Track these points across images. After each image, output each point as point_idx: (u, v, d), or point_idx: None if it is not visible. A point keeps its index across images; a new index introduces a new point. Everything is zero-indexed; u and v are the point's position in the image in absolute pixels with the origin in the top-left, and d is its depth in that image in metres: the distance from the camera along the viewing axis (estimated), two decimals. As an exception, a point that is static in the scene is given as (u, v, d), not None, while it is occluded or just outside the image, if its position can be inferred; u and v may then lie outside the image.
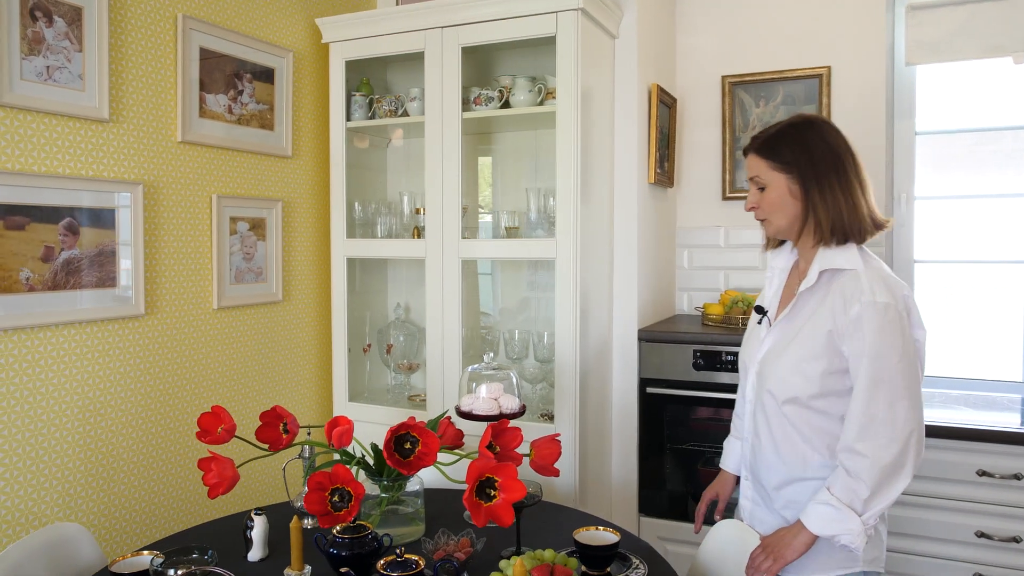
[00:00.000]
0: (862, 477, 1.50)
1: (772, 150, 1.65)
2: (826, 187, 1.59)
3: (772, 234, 1.72)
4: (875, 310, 1.51)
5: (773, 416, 1.67)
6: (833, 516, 1.52)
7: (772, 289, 1.79)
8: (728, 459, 1.96)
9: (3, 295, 1.88)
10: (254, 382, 2.65)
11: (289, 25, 2.76)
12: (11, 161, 1.89)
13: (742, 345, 1.86)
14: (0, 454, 1.89)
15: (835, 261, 1.59)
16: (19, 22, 1.89)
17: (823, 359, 1.57)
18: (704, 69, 3.32)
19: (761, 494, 1.77)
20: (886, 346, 1.51)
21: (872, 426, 1.51)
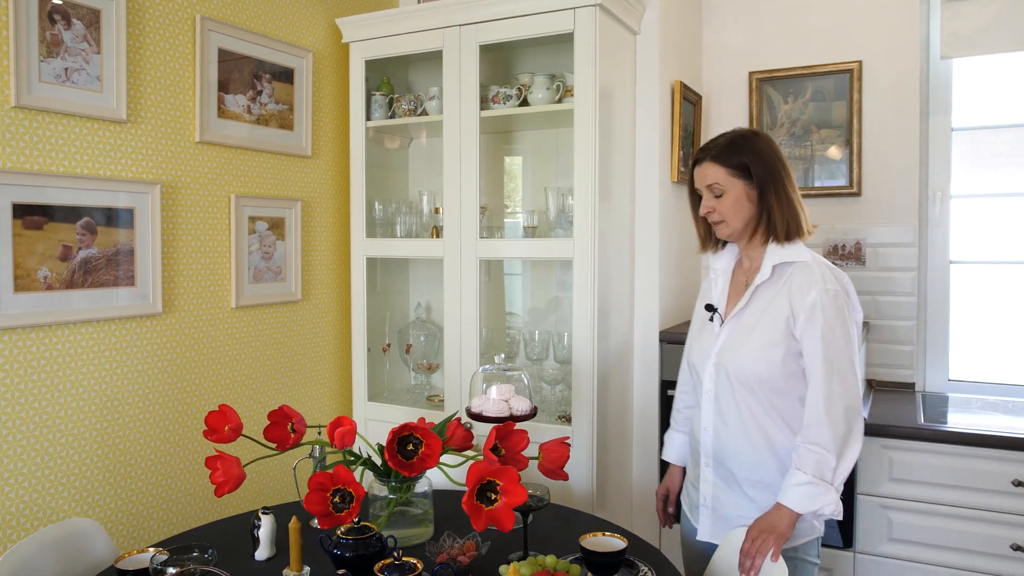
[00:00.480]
0: (830, 449, 1.64)
1: (730, 157, 1.77)
2: (780, 191, 1.76)
3: (727, 236, 1.83)
4: (827, 297, 1.67)
5: (739, 401, 1.78)
6: (813, 493, 1.64)
7: (718, 288, 1.91)
8: (671, 452, 2.10)
9: (21, 293, 1.91)
10: (273, 381, 2.67)
11: (309, 25, 2.77)
12: (29, 161, 1.92)
13: (690, 343, 1.98)
14: (19, 449, 1.92)
15: (787, 256, 1.75)
16: (37, 25, 1.92)
17: (782, 344, 1.72)
18: (731, 65, 3.25)
19: (726, 478, 1.83)
20: (837, 329, 1.68)
21: (831, 400, 1.66)
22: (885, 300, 3.04)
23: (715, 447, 1.83)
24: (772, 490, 1.75)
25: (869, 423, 2.53)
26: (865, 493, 2.54)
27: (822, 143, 3.11)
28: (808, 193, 3.13)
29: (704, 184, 1.80)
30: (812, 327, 1.67)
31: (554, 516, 2.02)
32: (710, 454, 1.85)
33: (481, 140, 3.02)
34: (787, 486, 1.66)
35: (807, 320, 1.68)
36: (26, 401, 1.93)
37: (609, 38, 2.53)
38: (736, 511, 1.81)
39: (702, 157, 1.81)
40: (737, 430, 1.78)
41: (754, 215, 1.78)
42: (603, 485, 2.60)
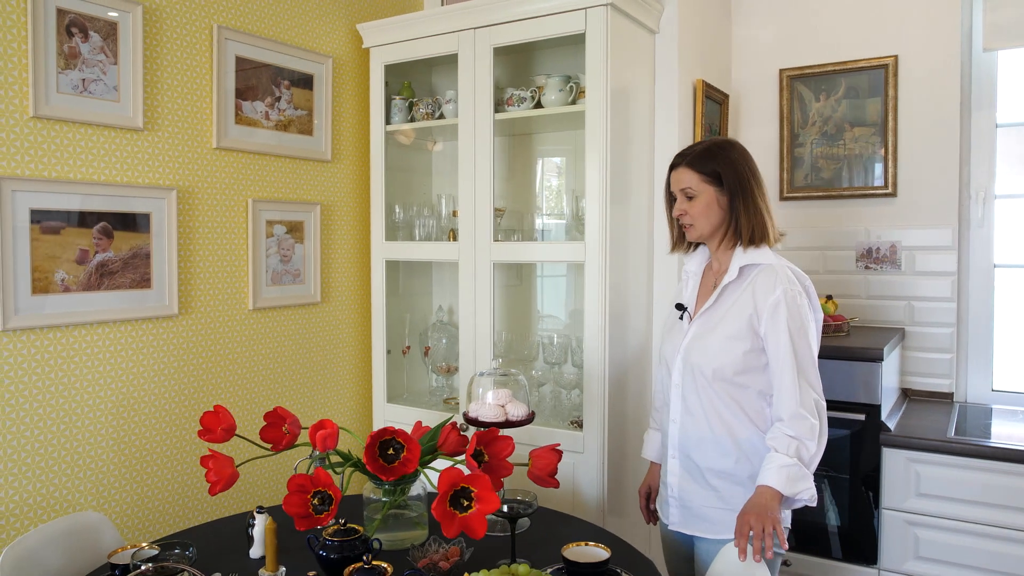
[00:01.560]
0: (808, 436, 1.72)
1: (704, 164, 1.86)
2: (749, 199, 1.84)
3: (694, 238, 1.92)
4: (790, 297, 1.77)
5: (703, 393, 1.86)
6: (797, 475, 1.69)
7: (689, 289, 2.00)
8: (650, 450, 2.15)
9: (40, 295, 2.00)
10: (292, 382, 2.72)
11: (329, 31, 2.81)
12: (47, 169, 2.01)
13: (663, 340, 2.05)
14: (37, 444, 2.01)
15: (753, 258, 1.84)
16: (55, 39, 2.01)
17: (745, 340, 1.80)
18: (761, 63, 3.16)
19: (691, 469, 1.90)
20: (802, 326, 1.77)
21: (804, 393, 1.75)
22: (922, 306, 2.90)
23: (681, 439, 1.91)
24: (734, 480, 1.83)
25: (894, 434, 2.42)
26: (890, 508, 2.43)
27: (855, 141, 2.99)
28: (841, 194, 3.02)
29: (678, 188, 1.89)
30: (776, 324, 1.76)
31: (550, 523, 2.00)
32: (676, 446, 1.93)
33: (507, 143, 3.05)
34: (770, 468, 1.70)
35: (770, 317, 1.77)
36: (44, 398, 2.02)
37: (624, 38, 2.49)
38: (701, 501, 1.88)
39: (678, 162, 1.90)
40: (701, 422, 1.86)
41: (723, 220, 1.87)
42: (619, 491, 2.56)
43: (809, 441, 1.72)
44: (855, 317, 2.93)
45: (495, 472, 1.67)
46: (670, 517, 1.95)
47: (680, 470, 1.92)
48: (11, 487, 1.96)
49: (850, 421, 2.45)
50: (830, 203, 3.06)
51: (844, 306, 3.00)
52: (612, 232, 2.45)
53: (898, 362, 2.84)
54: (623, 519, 2.62)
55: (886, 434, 2.42)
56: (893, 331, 2.82)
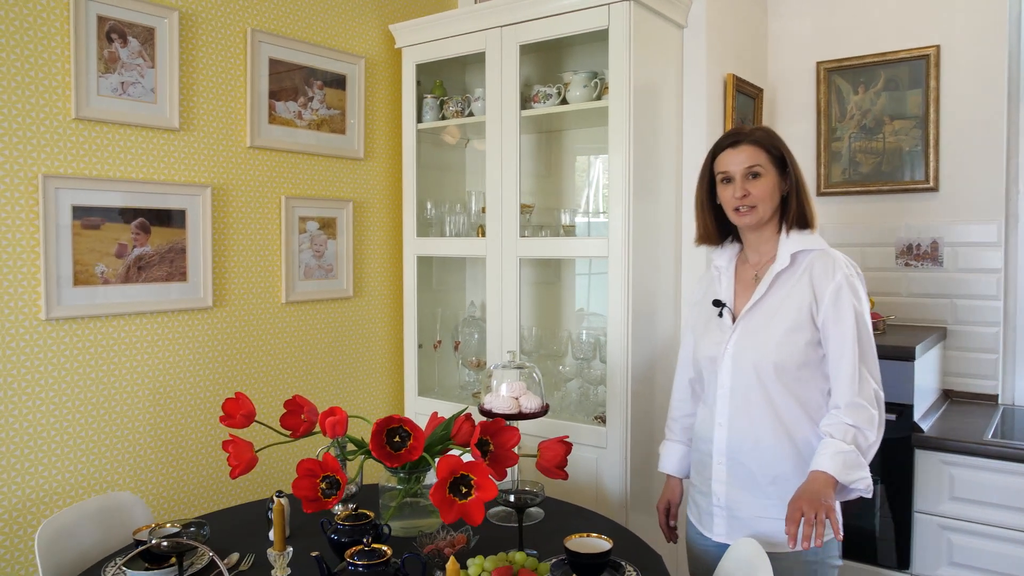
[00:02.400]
0: (867, 426, 1.63)
1: (773, 145, 1.78)
2: (805, 184, 1.80)
3: (752, 223, 1.79)
4: (850, 282, 1.70)
5: (759, 393, 1.74)
6: (854, 462, 1.60)
7: (723, 285, 1.88)
8: (671, 463, 2.05)
9: (81, 287, 2.12)
10: (324, 374, 2.80)
11: (362, 33, 2.89)
12: (88, 168, 2.13)
13: (697, 342, 1.90)
14: (77, 428, 2.13)
15: (804, 243, 1.76)
16: (96, 44, 2.12)
17: (806, 330, 1.71)
18: (797, 56, 3.10)
19: (742, 477, 1.78)
20: (862, 312, 1.69)
21: (864, 383, 1.66)
22: (965, 304, 2.80)
23: (730, 444, 1.79)
24: (792, 485, 1.68)
25: (927, 436, 2.35)
26: (923, 511, 2.36)
27: (895, 135, 2.90)
28: (880, 189, 2.94)
29: (742, 167, 1.76)
30: (839, 311, 1.67)
31: (564, 516, 2.01)
32: (723, 452, 1.80)
33: (539, 140, 3.08)
34: (825, 454, 1.62)
35: (832, 304, 1.68)
36: (84, 384, 2.14)
37: (649, 33, 2.48)
38: (752, 511, 1.76)
39: (739, 140, 1.78)
40: (758, 423, 1.74)
41: (778, 204, 1.79)
42: (647, 488, 2.55)
43: (868, 430, 1.64)
44: (891, 315, 2.85)
45: (500, 462, 1.70)
46: (714, 529, 1.82)
47: (728, 477, 1.79)
48: (53, 467, 2.08)
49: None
50: (869, 198, 2.98)
51: (883, 304, 2.92)
52: (636, 227, 2.45)
53: (938, 362, 2.75)
54: (651, 516, 2.61)
55: (918, 435, 2.35)
56: (932, 330, 2.73)
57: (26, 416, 2.02)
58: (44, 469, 2.06)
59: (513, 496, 1.77)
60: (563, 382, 2.82)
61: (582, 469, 2.56)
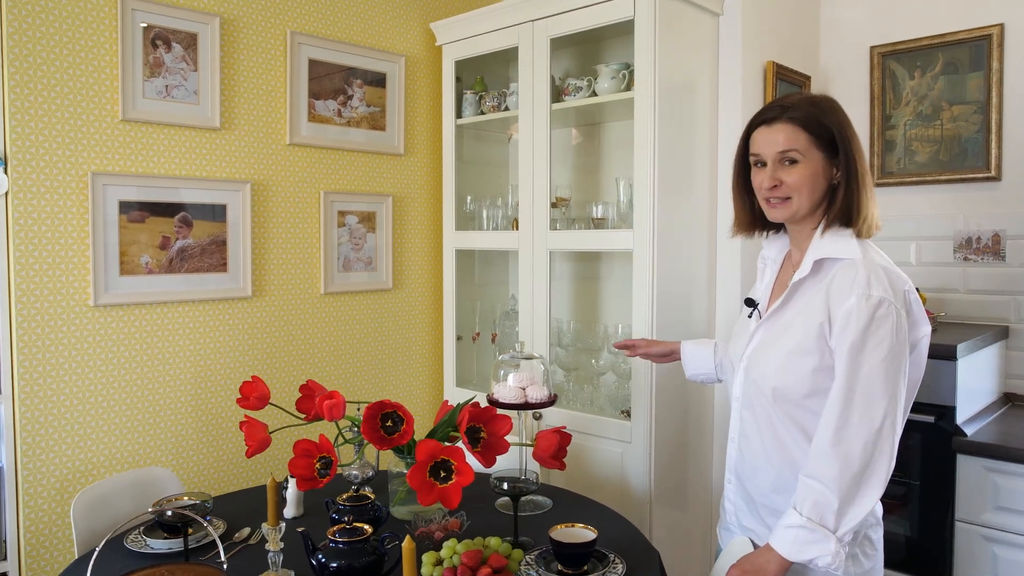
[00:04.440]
0: (831, 487, 1.38)
1: (819, 124, 1.47)
2: (862, 174, 1.48)
3: (786, 217, 1.54)
4: (867, 304, 1.39)
5: (762, 414, 1.56)
6: (806, 538, 1.39)
7: (764, 281, 1.67)
8: (693, 344, 1.95)
9: (126, 276, 2.29)
10: (363, 363, 2.90)
11: (402, 31, 2.97)
12: (134, 166, 2.29)
13: (732, 339, 1.76)
14: (123, 407, 2.30)
15: (831, 250, 1.48)
16: (142, 51, 2.28)
17: (814, 354, 1.46)
18: (850, 41, 2.96)
19: (746, 499, 1.65)
20: (872, 343, 1.39)
21: (845, 430, 1.39)
22: (1029, 301, 2.61)
23: (738, 463, 1.65)
24: None
25: (970, 440, 2.22)
26: (964, 520, 2.22)
27: (953, 121, 2.73)
28: (937, 179, 2.77)
29: (774, 150, 1.49)
30: (845, 339, 1.40)
31: (570, 506, 2.02)
32: (733, 470, 1.68)
33: (578, 133, 3.08)
34: (779, 526, 1.43)
35: (841, 329, 1.41)
36: (129, 367, 2.31)
37: (680, 21, 2.44)
38: (756, 538, 1.62)
39: (773, 116, 1.50)
40: (758, 447, 1.57)
41: (822, 196, 1.50)
42: (678, 485, 2.52)
43: (832, 493, 1.37)
44: (942, 312, 2.69)
45: (492, 449, 1.73)
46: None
47: (735, 497, 1.68)
48: (101, 442, 2.26)
49: (917, 423, 2.26)
50: (925, 189, 2.82)
51: (939, 301, 2.76)
52: (665, 221, 2.42)
53: (997, 363, 2.57)
54: (682, 512, 2.58)
55: (960, 439, 2.22)
56: (990, 328, 2.56)
57: (75, 394, 2.21)
58: (92, 443, 2.24)
59: (506, 484, 1.79)
60: (597, 376, 2.82)
61: (607, 463, 2.55)
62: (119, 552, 1.74)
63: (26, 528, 2.13)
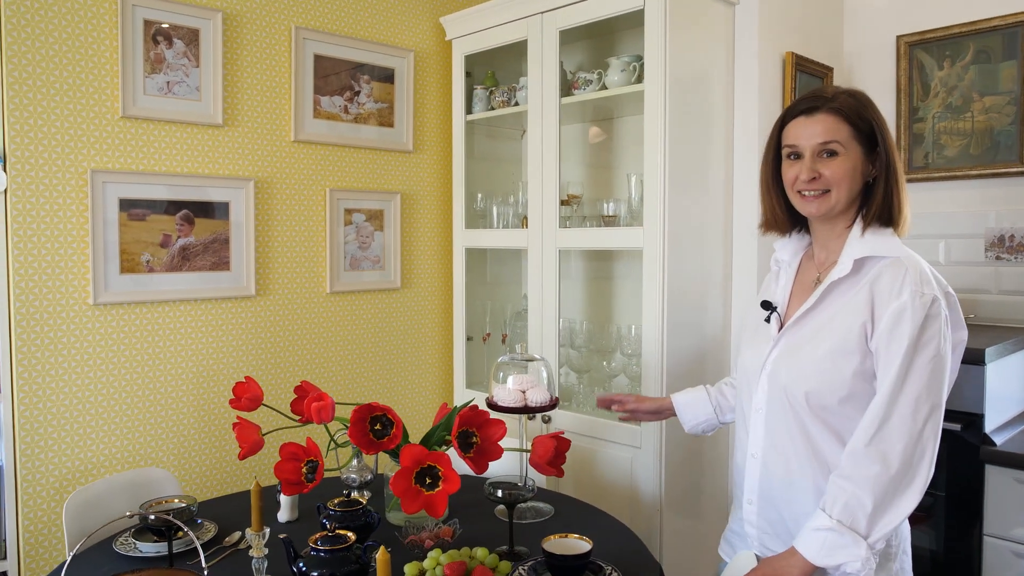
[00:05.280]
0: (865, 488, 1.31)
1: (860, 117, 1.43)
2: (900, 171, 1.45)
3: (822, 212, 1.46)
4: (921, 303, 1.35)
5: (794, 425, 1.46)
6: (835, 543, 1.31)
7: (781, 284, 1.59)
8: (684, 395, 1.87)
9: (128, 274, 2.27)
10: (371, 363, 2.85)
11: (411, 26, 2.91)
12: (135, 163, 2.27)
13: (743, 348, 1.64)
14: (124, 406, 2.28)
15: (874, 248, 1.42)
16: (143, 47, 2.26)
17: (855, 355, 1.39)
18: (875, 30, 2.84)
19: (771, 519, 1.53)
20: (924, 342, 1.34)
21: (887, 429, 1.33)
22: (1065, 303, 2.47)
23: (763, 481, 1.52)
24: None
25: (1000, 450, 2.09)
26: (993, 535, 2.10)
27: (985, 113, 2.60)
28: (967, 174, 2.64)
29: (815, 140, 1.42)
30: (895, 338, 1.34)
31: (574, 515, 1.94)
32: (755, 489, 1.54)
33: (587, 129, 3.00)
34: (806, 528, 1.36)
35: (889, 328, 1.34)
36: (130, 366, 2.29)
37: (694, 12, 2.36)
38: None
39: (814, 107, 1.44)
40: (791, 461, 1.47)
41: (859, 192, 1.45)
42: (689, 492, 2.44)
43: (866, 496, 1.30)
44: (971, 314, 2.55)
45: (485, 455, 1.66)
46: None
47: (760, 520, 1.54)
48: (100, 442, 2.24)
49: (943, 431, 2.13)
50: (954, 184, 2.68)
51: (970, 302, 2.62)
52: (677, 218, 2.34)
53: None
54: (696, 520, 2.49)
55: (988, 449, 2.09)
56: (1023, 331, 2.43)
57: (75, 394, 2.19)
58: (91, 443, 2.22)
59: (502, 491, 1.72)
60: (609, 378, 2.74)
61: (617, 469, 2.47)
62: (107, 555, 1.71)
63: (24, 528, 2.12)
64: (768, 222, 1.61)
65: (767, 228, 1.62)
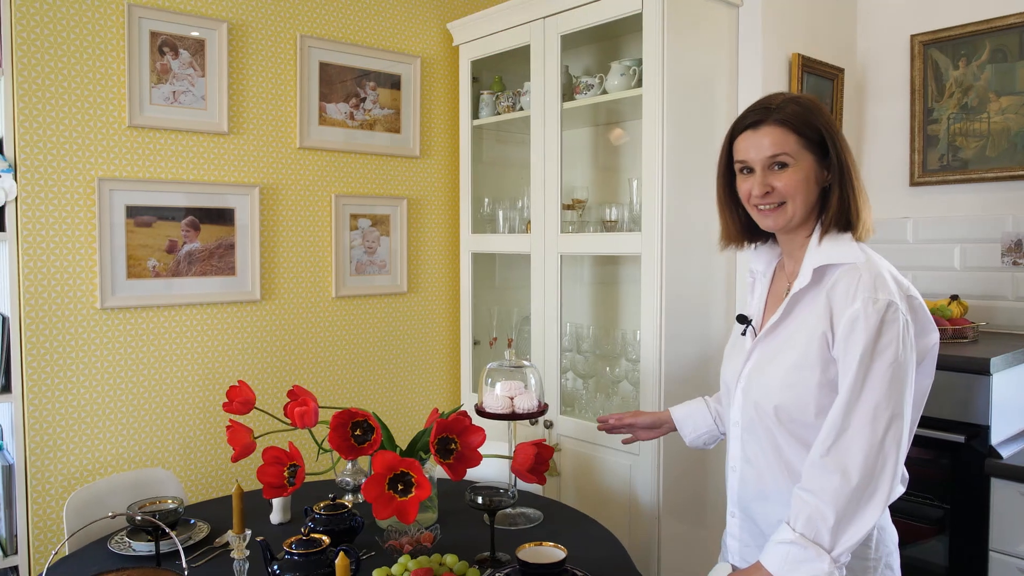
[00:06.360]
0: (827, 501, 1.28)
1: (807, 125, 1.40)
2: (855, 175, 1.41)
3: (779, 225, 1.45)
4: (875, 308, 1.30)
5: (765, 438, 1.46)
6: (798, 556, 1.28)
7: (755, 295, 1.58)
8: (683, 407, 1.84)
9: (134, 279, 2.33)
10: (377, 367, 2.88)
11: (418, 32, 2.94)
12: (141, 171, 2.33)
13: (724, 361, 1.63)
14: (130, 408, 2.34)
15: (831, 256, 1.39)
16: (149, 58, 2.32)
17: (817, 367, 1.37)
18: (888, 30, 2.77)
19: (753, 532, 1.53)
20: (880, 349, 1.30)
21: (845, 440, 1.29)
22: (1085, 310, 2.38)
23: (741, 493, 1.54)
24: None
25: (1006, 463, 2.03)
26: (1000, 551, 2.04)
27: (1002, 113, 2.52)
28: (983, 177, 2.56)
29: (763, 154, 1.40)
30: (850, 345, 1.31)
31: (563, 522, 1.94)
32: (736, 501, 1.56)
33: (593, 133, 2.99)
34: (771, 541, 1.34)
35: (845, 336, 1.32)
36: (136, 369, 2.35)
37: (694, 14, 2.33)
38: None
39: (759, 120, 1.41)
40: (765, 474, 1.47)
41: (815, 201, 1.42)
42: (693, 498, 2.41)
43: (828, 508, 1.27)
44: (984, 322, 2.47)
45: (464, 461, 1.67)
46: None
47: (741, 532, 1.55)
48: (107, 442, 2.31)
49: (945, 443, 2.08)
50: (970, 187, 2.60)
51: (985, 309, 2.54)
52: (676, 223, 2.32)
53: None
54: (699, 528, 2.46)
55: (994, 462, 2.03)
56: (1039, 340, 2.35)
57: (82, 395, 2.26)
58: (98, 443, 2.29)
59: (480, 498, 1.73)
60: (613, 384, 2.72)
61: (615, 476, 2.45)
62: (102, 553, 1.76)
63: (34, 524, 2.19)
64: (725, 236, 1.59)
65: (726, 242, 1.60)
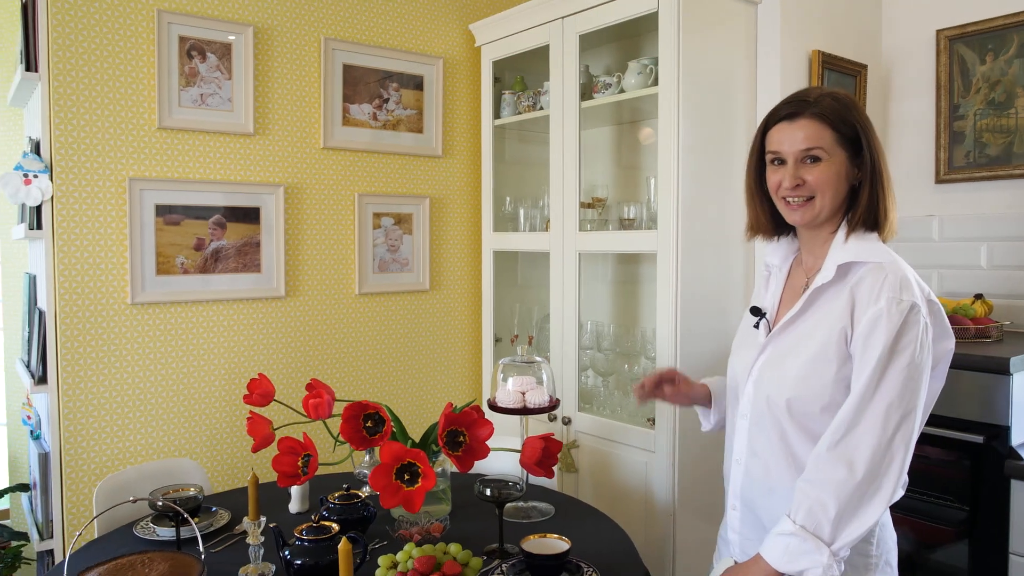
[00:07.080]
0: (829, 493, 1.29)
1: (842, 121, 1.40)
2: (886, 175, 1.42)
3: (807, 220, 1.45)
4: (898, 309, 1.32)
5: (773, 432, 1.46)
6: (798, 548, 1.30)
7: (771, 289, 1.58)
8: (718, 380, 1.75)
9: (163, 276, 2.41)
10: (399, 363, 2.93)
11: (440, 34, 2.98)
12: (170, 171, 2.41)
13: (732, 353, 1.63)
14: (160, 399, 2.43)
15: (858, 254, 1.39)
16: (178, 62, 2.40)
17: (834, 362, 1.38)
18: (913, 25, 2.73)
19: (754, 526, 1.53)
20: (899, 349, 1.31)
21: (856, 432, 1.31)
22: (1115, 310, 2.32)
23: (744, 487, 1.53)
24: None
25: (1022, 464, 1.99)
26: (1020, 554, 2.00)
27: (1029, 110, 2.47)
28: (1011, 173, 2.52)
29: (797, 147, 1.40)
30: (870, 343, 1.32)
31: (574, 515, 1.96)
32: (738, 495, 1.55)
33: (614, 132, 3.00)
34: (771, 534, 1.35)
35: (866, 334, 1.33)
36: (165, 362, 2.43)
37: (711, 12, 2.34)
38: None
39: (795, 112, 1.41)
40: (772, 468, 1.46)
41: (845, 197, 1.43)
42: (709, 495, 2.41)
43: (830, 500, 1.28)
44: (1008, 321, 2.43)
45: (472, 454, 1.70)
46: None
47: (741, 526, 1.55)
48: (137, 432, 2.39)
49: (963, 443, 2.05)
50: (998, 184, 2.56)
51: (1011, 308, 2.50)
52: (693, 221, 2.32)
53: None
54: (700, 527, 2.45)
55: (1015, 463, 1.99)
56: (1066, 340, 2.30)
57: (113, 387, 2.35)
58: (129, 433, 2.38)
59: (488, 490, 1.76)
60: (634, 381, 2.73)
61: (632, 473, 2.47)
62: (128, 537, 1.84)
63: (67, 510, 2.28)
64: (753, 227, 1.59)
65: (752, 233, 1.60)
